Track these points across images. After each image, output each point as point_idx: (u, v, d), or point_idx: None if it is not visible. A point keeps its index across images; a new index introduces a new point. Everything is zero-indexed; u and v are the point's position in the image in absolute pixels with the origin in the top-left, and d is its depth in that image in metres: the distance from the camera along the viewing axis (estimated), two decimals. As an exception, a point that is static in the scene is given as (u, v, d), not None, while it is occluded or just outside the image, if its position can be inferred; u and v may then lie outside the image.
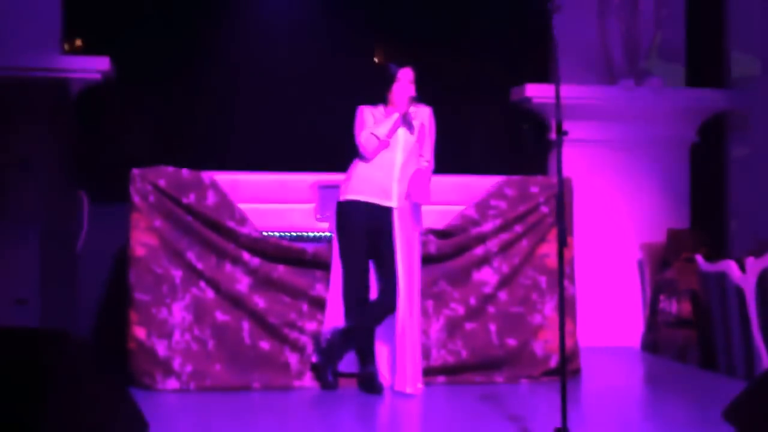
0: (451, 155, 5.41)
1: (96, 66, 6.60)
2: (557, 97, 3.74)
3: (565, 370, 4.20)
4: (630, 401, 5.63)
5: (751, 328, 5.74)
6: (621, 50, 7.60)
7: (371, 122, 5.35)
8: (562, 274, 4.08)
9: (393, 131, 5.33)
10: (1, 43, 6.36)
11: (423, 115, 5.44)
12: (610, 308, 7.36)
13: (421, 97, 5.39)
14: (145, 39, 7.00)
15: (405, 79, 5.37)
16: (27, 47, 6.50)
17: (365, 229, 5.33)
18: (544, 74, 7.43)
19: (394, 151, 5.34)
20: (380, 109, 5.43)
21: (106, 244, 6.39)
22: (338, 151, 5.46)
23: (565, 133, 3.77)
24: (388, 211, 5.31)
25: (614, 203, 7.55)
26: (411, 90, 5.36)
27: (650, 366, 6.73)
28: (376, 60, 7.17)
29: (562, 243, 3.95)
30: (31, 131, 6.01)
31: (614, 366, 6.61)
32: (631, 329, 7.36)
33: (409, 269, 5.31)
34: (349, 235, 5.35)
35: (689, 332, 6.62)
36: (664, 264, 7.24)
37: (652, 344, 7.10)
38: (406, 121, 5.37)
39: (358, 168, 5.38)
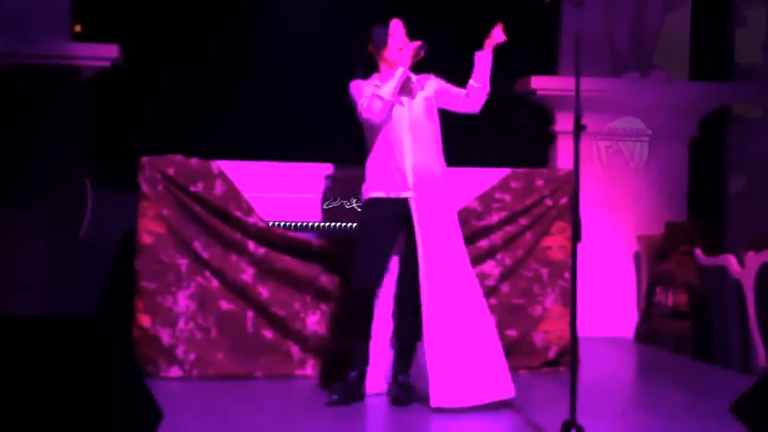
0: (454, 147, 5.32)
1: (105, 53, 6.56)
2: (577, 90, 3.72)
3: (575, 362, 4.16)
4: (628, 391, 5.70)
5: (749, 322, 5.81)
6: (627, 41, 7.50)
7: (369, 93, 4.87)
8: (575, 268, 4.02)
9: (399, 87, 4.83)
10: (11, 30, 6.31)
11: (429, 84, 5.02)
12: (605, 299, 7.39)
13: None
14: (155, 25, 6.96)
15: (399, 31, 4.98)
16: (37, 34, 6.45)
17: (394, 224, 4.93)
18: (545, 66, 7.43)
19: (399, 130, 4.87)
20: (375, 80, 4.99)
21: (113, 231, 6.37)
22: (347, 141, 5.37)
23: (584, 127, 3.73)
24: (406, 201, 4.87)
25: (613, 195, 7.57)
26: (405, 41, 4.92)
27: (645, 356, 6.80)
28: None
29: (576, 237, 3.94)
30: (41, 118, 6.00)
31: (610, 356, 6.66)
32: (624, 320, 7.40)
33: (458, 261, 4.93)
34: (375, 230, 4.92)
35: (684, 324, 6.68)
36: (661, 256, 7.29)
37: (645, 335, 7.16)
38: (407, 86, 4.93)
39: (372, 162, 4.96)
